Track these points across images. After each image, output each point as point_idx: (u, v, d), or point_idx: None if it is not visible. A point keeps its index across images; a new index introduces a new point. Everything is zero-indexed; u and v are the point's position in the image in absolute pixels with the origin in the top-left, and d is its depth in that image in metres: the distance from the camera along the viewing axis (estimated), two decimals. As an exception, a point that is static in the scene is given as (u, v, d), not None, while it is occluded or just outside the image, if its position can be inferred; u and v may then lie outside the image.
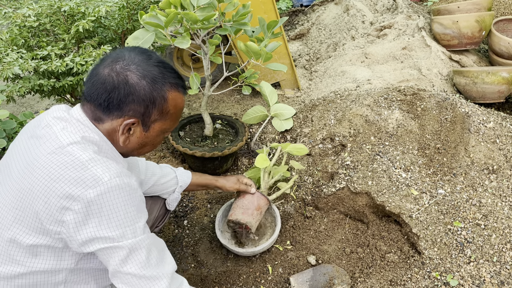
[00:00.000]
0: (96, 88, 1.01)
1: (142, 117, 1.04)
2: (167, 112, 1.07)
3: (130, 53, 1.03)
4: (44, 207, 0.94)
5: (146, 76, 1.01)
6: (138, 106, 1.02)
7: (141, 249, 1.01)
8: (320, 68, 3.43)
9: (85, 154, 0.96)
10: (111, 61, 1.02)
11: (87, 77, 1.05)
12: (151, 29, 1.65)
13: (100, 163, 0.96)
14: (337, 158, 2.13)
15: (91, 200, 0.93)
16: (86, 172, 0.94)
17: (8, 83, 2.01)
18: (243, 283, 1.74)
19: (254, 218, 1.73)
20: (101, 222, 0.95)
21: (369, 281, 1.67)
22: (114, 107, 1.01)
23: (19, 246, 0.99)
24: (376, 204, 1.87)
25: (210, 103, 3.08)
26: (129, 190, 0.99)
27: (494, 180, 1.93)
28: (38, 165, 0.96)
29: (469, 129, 2.10)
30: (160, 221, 1.64)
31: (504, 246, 1.67)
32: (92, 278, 1.14)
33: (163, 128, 1.10)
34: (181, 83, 1.09)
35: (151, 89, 1.01)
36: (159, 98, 1.03)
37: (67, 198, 0.93)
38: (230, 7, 1.83)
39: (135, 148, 1.12)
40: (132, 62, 1.01)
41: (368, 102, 2.29)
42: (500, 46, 2.97)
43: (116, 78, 0.99)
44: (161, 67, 1.04)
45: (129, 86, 0.99)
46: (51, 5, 2.04)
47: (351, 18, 3.90)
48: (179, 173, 1.61)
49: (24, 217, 0.97)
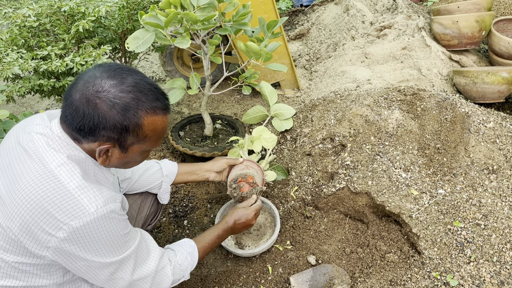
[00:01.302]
0: (69, 112, 0.97)
1: (117, 142, 1.01)
2: (144, 136, 1.02)
3: (102, 76, 0.96)
4: (24, 232, 0.94)
5: (116, 105, 0.95)
6: (111, 132, 0.98)
7: (128, 262, 1.09)
8: (320, 68, 3.43)
9: (72, 181, 0.96)
10: (83, 85, 0.96)
11: (63, 96, 1.01)
12: (151, 29, 1.65)
13: (87, 191, 0.96)
14: (337, 158, 2.13)
15: (76, 229, 0.94)
16: (72, 201, 0.94)
17: (8, 83, 2.01)
18: (243, 283, 1.74)
19: (257, 174, 1.75)
20: (87, 248, 0.98)
21: (369, 281, 1.67)
22: (87, 133, 0.98)
23: (4, 262, 0.99)
24: (376, 204, 1.87)
25: (210, 103, 3.08)
26: (115, 217, 1.01)
27: (494, 180, 1.93)
28: (22, 187, 0.95)
29: (469, 129, 2.10)
30: (152, 219, 1.63)
31: (504, 246, 1.67)
32: (83, 281, 1.16)
33: (143, 148, 1.07)
34: (161, 105, 1.02)
35: (122, 118, 0.96)
36: (132, 126, 0.98)
37: (52, 226, 0.93)
38: (230, 7, 1.83)
39: (118, 165, 1.11)
40: (102, 89, 0.95)
41: (368, 102, 2.29)
42: (500, 46, 2.97)
43: (86, 106, 0.94)
44: (135, 92, 0.97)
45: (99, 116, 0.95)
46: (51, 5, 2.04)
47: (351, 18, 3.90)
48: (163, 164, 1.60)
49: (5, 235, 0.97)
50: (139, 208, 1.54)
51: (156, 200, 1.62)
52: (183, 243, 1.36)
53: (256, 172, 1.76)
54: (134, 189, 1.54)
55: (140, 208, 1.54)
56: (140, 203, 1.55)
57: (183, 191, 2.25)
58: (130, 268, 1.09)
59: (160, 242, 1.94)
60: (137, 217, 1.53)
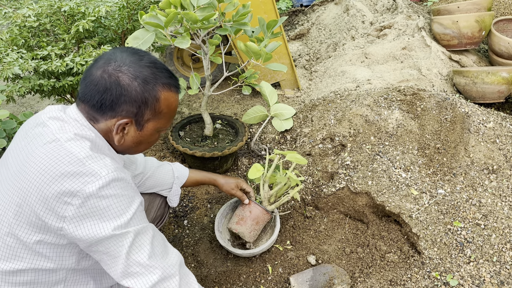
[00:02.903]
0: (89, 89, 1.02)
1: (135, 117, 1.05)
2: (160, 111, 1.08)
3: (122, 54, 1.04)
4: (41, 204, 0.94)
5: (138, 77, 1.02)
6: (130, 106, 1.03)
7: (145, 235, 1.02)
8: (320, 68, 3.43)
9: (82, 151, 0.98)
10: (104, 62, 1.03)
11: (82, 77, 1.06)
12: (151, 29, 1.65)
13: (97, 159, 0.98)
14: (337, 158, 2.13)
15: (91, 194, 0.93)
16: (83, 168, 0.95)
17: (8, 83, 2.01)
18: (243, 283, 1.74)
19: (249, 229, 1.72)
20: (103, 214, 0.96)
21: (369, 281, 1.67)
22: (107, 108, 1.02)
23: (21, 243, 0.99)
24: (376, 204, 1.87)
25: (210, 103, 3.08)
26: (127, 183, 1.01)
27: (494, 180, 1.93)
28: (34, 160, 0.97)
29: (469, 129, 2.10)
30: (159, 222, 1.64)
31: (504, 246, 1.67)
32: (91, 277, 1.15)
33: (157, 127, 1.11)
34: (174, 83, 1.10)
35: (142, 90, 1.02)
36: (151, 99, 1.04)
37: (66, 194, 0.93)
38: (230, 7, 1.83)
39: (131, 146, 1.13)
40: (124, 64, 1.02)
41: (368, 102, 2.29)
42: (500, 46, 2.97)
43: (108, 79, 1.00)
44: (152, 68, 1.05)
45: (121, 88, 1.01)
46: (51, 5, 2.04)
47: (351, 18, 3.90)
48: (175, 166, 1.62)
49: (24, 214, 0.97)
50: (146, 210, 1.55)
51: (163, 203, 1.63)
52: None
53: (257, 224, 1.74)
54: (145, 187, 1.54)
55: (147, 210, 1.55)
56: (147, 205, 1.56)
57: (183, 191, 2.25)
58: (147, 250, 1.01)
59: (160, 242, 1.94)
60: None
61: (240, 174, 2.40)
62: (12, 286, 1.02)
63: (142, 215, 1.05)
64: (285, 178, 1.80)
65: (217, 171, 2.30)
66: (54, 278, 1.05)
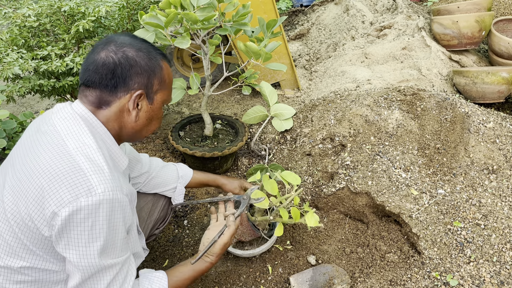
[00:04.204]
0: (98, 72, 1.04)
1: (146, 89, 1.10)
2: (164, 80, 1.14)
3: (118, 36, 1.10)
4: (38, 210, 0.94)
5: (141, 49, 1.08)
6: (141, 77, 1.07)
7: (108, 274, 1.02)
8: (320, 68, 3.43)
9: (86, 161, 0.97)
10: (103, 45, 1.07)
11: (82, 68, 1.08)
12: (151, 29, 1.65)
13: (99, 174, 0.97)
14: (337, 158, 2.13)
15: (79, 209, 0.92)
16: (82, 179, 0.94)
17: (8, 83, 2.01)
18: (243, 283, 1.74)
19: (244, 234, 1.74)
20: (82, 233, 0.94)
21: (369, 281, 1.67)
22: (120, 83, 1.05)
23: (21, 242, 0.99)
24: (376, 204, 1.87)
25: (210, 103, 3.08)
26: (118, 205, 0.99)
27: (494, 180, 1.93)
28: (38, 163, 0.97)
29: (469, 129, 2.10)
30: (161, 223, 1.65)
31: (504, 246, 1.67)
32: None
33: (163, 99, 1.17)
34: (164, 55, 1.18)
35: (148, 60, 1.09)
36: (157, 67, 1.11)
37: (57, 203, 0.92)
38: (230, 7, 1.83)
39: (145, 124, 1.15)
40: (123, 41, 1.08)
41: (368, 102, 2.29)
42: (500, 46, 2.97)
43: (115, 56, 1.04)
44: (147, 43, 1.13)
45: (130, 59, 1.05)
46: (51, 5, 2.04)
47: (351, 18, 3.90)
48: (180, 166, 1.65)
49: (21, 219, 0.97)
50: (149, 211, 1.56)
51: (166, 204, 1.64)
52: (154, 279, 1.16)
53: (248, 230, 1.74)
54: (150, 186, 1.55)
55: (151, 211, 1.56)
56: (151, 206, 1.57)
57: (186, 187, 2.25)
58: (106, 282, 1.02)
59: (160, 242, 1.94)
60: (147, 220, 1.55)
61: (240, 174, 2.40)
62: (15, 284, 1.02)
63: (119, 245, 1.03)
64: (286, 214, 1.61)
65: (217, 171, 2.30)
66: (55, 277, 1.05)
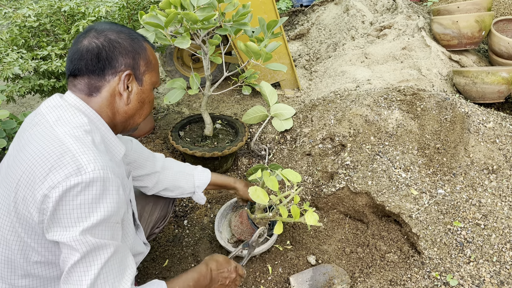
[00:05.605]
0: (83, 58, 1.05)
1: (133, 70, 1.10)
2: (150, 61, 1.15)
3: (98, 24, 1.12)
4: (31, 197, 0.92)
5: (122, 31, 1.10)
6: (127, 58, 1.08)
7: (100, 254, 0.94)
8: (320, 68, 3.43)
9: (75, 143, 0.95)
10: (85, 34, 1.08)
11: (67, 60, 1.08)
12: (151, 29, 1.66)
13: (88, 153, 0.94)
14: (337, 158, 2.13)
15: (70, 188, 0.89)
16: (71, 160, 0.92)
17: (8, 83, 2.01)
18: (243, 283, 1.74)
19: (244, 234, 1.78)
20: (73, 211, 0.91)
21: (369, 281, 1.67)
22: (107, 65, 1.06)
23: (18, 235, 0.97)
24: (376, 204, 1.87)
25: (210, 103, 3.08)
26: (110, 184, 0.95)
27: (494, 180, 1.93)
28: (28, 150, 0.96)
29: (469, 129, 2.10)
30: (161, 222, 1.66)
31: (504, 246, 1.67)
32: None
33: (152, 80, 1.17)
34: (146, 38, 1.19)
35: (131, 39, 1.10)
36: (141, 48, 1.12)
37: (48, 186, 0.90)
38: (230, 7, 1.83)
39: (137, 108, 1.15)
40: (103, 27, 1.09)
41: (368, 102, 2.29)
42: (499, 46, 2.97)
43: (97, 41, 1.05)
44: (126, 27, 1.14)
45: (113, 41, 1.07)
46: (51, 5, 2.04)
47: (351, 18, 3.90)
48: (197, 172, 1.63)
49: (18, 211, 0.95)
50: (150, 210, 1.58)
51: (166, 204, 1.65)
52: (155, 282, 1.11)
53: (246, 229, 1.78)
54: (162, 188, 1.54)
55: (152, 210, 1.58)
56: (152, 205, 1.58)
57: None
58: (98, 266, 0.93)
59: (160, 242, 1.95)
60: (148, 219, 1.57)
61: (240, 174, 2.40)
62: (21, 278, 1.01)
63: (111, 228, 0.97)
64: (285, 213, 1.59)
65: (217, 171, 2.31)
66: (55, 273, 1.04)
